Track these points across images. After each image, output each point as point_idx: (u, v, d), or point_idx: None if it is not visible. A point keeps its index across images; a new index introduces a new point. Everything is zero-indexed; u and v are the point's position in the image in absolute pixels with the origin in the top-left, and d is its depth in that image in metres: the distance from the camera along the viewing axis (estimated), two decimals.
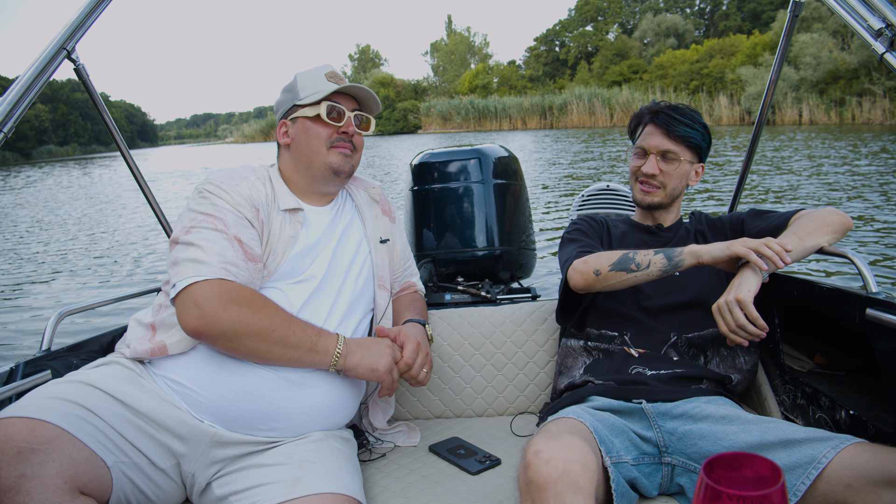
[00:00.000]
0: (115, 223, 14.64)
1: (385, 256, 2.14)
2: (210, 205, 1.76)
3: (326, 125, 1.94)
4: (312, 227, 1.95)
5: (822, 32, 38.28)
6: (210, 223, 1.72)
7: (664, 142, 2.14)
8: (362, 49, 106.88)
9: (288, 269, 1.84)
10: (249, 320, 1.62)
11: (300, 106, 1.96)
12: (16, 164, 67.15)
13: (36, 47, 1.90)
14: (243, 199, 1.80)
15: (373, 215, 2.15)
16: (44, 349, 1.95)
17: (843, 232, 1.95)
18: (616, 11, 78.65)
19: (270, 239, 1.83)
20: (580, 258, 2.00)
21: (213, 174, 1.86)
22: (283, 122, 2.01)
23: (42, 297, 8.15)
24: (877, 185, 12.08)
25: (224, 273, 1.64)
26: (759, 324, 1.70)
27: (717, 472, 0.81)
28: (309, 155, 1.94)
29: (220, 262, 1.66)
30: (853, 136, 24.37)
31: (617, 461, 1.61)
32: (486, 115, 53.86)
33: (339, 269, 1.96)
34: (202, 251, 1.67)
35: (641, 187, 2.21)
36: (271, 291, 1.80)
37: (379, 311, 2.09)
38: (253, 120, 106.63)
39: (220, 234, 1.70)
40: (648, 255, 1.90)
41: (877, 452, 1.44)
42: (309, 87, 1.96)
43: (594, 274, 1.93)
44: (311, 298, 1.85)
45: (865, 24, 1.67)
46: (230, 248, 1.69)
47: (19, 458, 1.31)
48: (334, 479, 1.63)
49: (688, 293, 2.05)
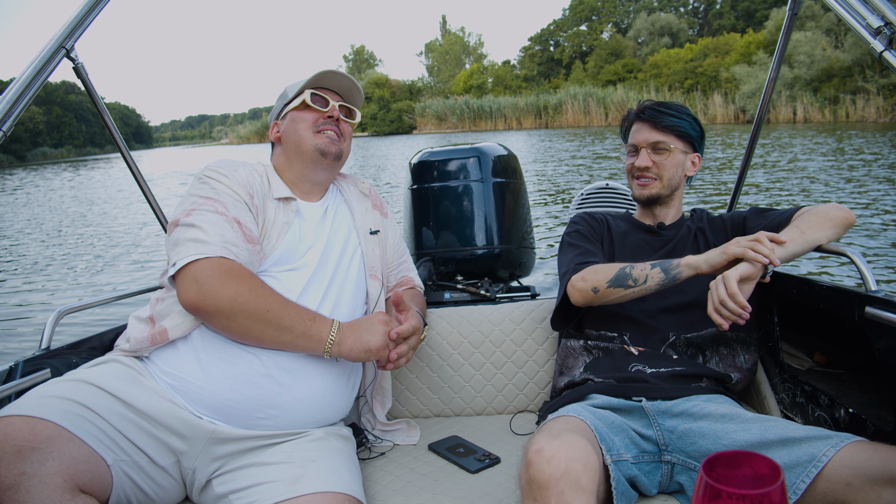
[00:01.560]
0: (114, 222, 14.64)
1: (376, 247, 2.14)
2: (210, 189, 1.81)
3: (312, 110, 2.03)
4: (305, 218, 1.98)
5: (816, 31, 38.41)
6: (210, 206, 1.76)
7: (653, 134, 2.18)
8: (357, 50, 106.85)
9: (282, 256, 1.86)
10: (246, 298, 1.64)
11: (288, 104, 2.07)
12: (10, 166, 66.96)
13: (35, 48, 1.89)
14: (240, 185, 1.85)
15: (362, 208, 2.18)
16: (43, 348, 1.95)
17: (845, 227, 1.95)
18: (610, 11, 78.74)
19: (265, 225, 1.87)
20: (578, 273, 2.02)
21: (212, 163, 1.92)
22: (275, 123, 2.12)
23: (41, 295, 8.15)
24: (876, 183, 12.10)
25: (225, 252, 1.68)
26: (737, 299, 1.72)
27: (717, 471, 0.81)
28: (297, 140, 2.01)
29: (220, 241, 1.69)
30: (851, 133, 24.41)
31: (617, 459, 1.61)
32: (481, 116, 53.89)
33: (331, 259, 1.97)
34: (203, 231, 1.70)
35: (638, 182, 2.23)
36: (266, 278, 1.81)
37: (371, 301, 2.09)
38: (248, 121, 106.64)
39: (220, 216, 1.74)
40: (646, 270, 1.91)
41: (876, 451, 1.44)
42: (296, 87, 2.07)
43: (592, 291, 1.96)
44: (306, 287, 1.86)
45: (864, 23, 1.67)
46: (230, 230, 1.73)
47: (19, 456, 1.31)
48: (335, 477, 1.63)
49: (687, 294, 2.05)
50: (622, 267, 1.95)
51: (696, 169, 2.25)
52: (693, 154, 2.23)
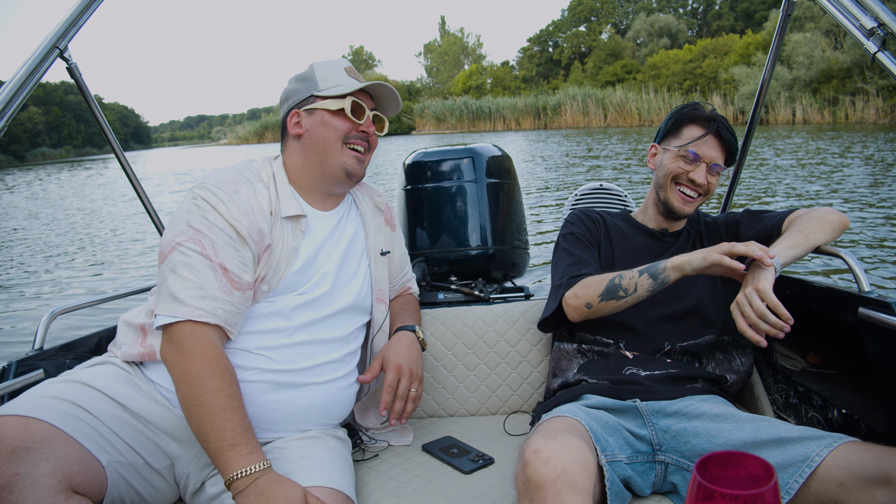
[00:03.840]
0: (108, 222, 14.61)
1: (385, 269, 2.11)
2: (201, 217, 1.67)
3: (347, 120, 1.86)
4: (314, 234, 1.88)
5: (815, 32, 38.46)
6: (196, 245, 1.64)
7: (720, 155, 2.09)
8: (356, 50, 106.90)
9: (289, 284, 1.79)
10: (188, 379, 1.55)
11: (319, 97, 1.87)
12: (9, 166, 66.88)
13: (29, 48, 1.89)
14: (240, 212, 1.70)
15: (375, 225, 2.10)
16: (36, 348, 1.95)
17: (841, 231, 1.95)
18: (609, 12, 78.76)
19: (272, 251, 1.76)
20: (570, 290, 1.99)
21: (211, 176, 1.77)
22: (297, 112, 1.89)
23: (34, 295, 8.13)
24: (868, 185, 12.11)
25: (199, 314, 1.58)
26: (780, 312, 1.62)
27: (710, 471, 0.81)
28: (324, 149, 1.86)
29: (197, 299, 1.59)
30: (849, 134, 24.44)
31: (612, 460, 1.61)
32: (480, 116, 53.84)
33: (339, 280, 1.92)
34: (182, 284, 1.60)
35: (682, 195, 2.11)
36: (266, 303, 1.77)
37: (376, 325, 2.08)
38: (247, 122, 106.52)
39: (204, 261, 1.63)
40: (634, 278, 1.89)
41: (870, 451, 1.45)
42: (329, 79, 1.88)
43: (587, 308, 1.95)
44: (305, 305, 1.82)
45: (858, 24, 1.67)
46: (213, 279, 1.62)
47: (13, 456, 1.31)
48: (324, 473, 1.63)
49: (683, 302, 2.04)
50: (611, 278, 1.93)
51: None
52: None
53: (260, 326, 1.75)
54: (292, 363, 1.76)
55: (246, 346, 1.72)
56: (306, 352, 1.80)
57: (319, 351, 1.83)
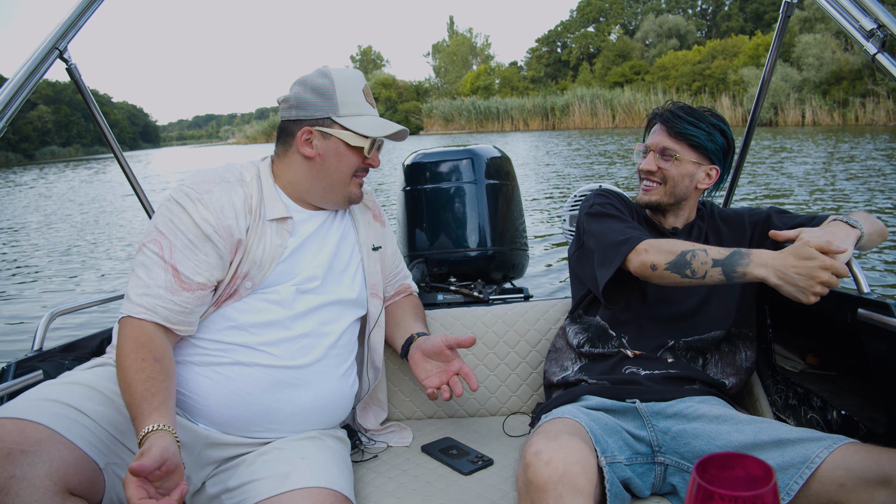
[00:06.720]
0: (107, 223, 14.64)
1: (377, 264, 2.11)
2: (168, 220, 1.71)
3: (360, 155, 1.87)
4: (302, 231, 1.89)
5: (825, 33, 38.29)
6: (157, 246, 1.68)
7: (664, 139, 2.05)
8: (364, 50, 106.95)
9: (279, 275, 1.80)
10: (118, 363, 1.58)
11: (337, 123, 1.84)
12: (18, 164, 67.24)
13: (30, 48, 1.90)
14: (208, 211, 1.71)
15: (365, 221, 2.11)
16: (35, 349, 1.95)
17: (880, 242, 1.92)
18: (618, 12, 78.55)
19: (252, 250, 1.76)
20: (641, 243, 1.85)
21: (189, 177, 1.79)
22: (310, 130, 1.84)
23: (34, 296, 8.15)
24: (867, 188, 12.05)
25: (138, 311, 1.62)
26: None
27: (710, 472, 0.80)
28: (335, 180, 1.88)
29: (141, 296, 1.63)
30: (859, 137, 24.33)
31: (611, 461, 1.61)
32: (488, 117, 53.80)
33: (331, 273, 1.92)
34: (133, 283, 1.66)
35: (642, 185, 2.13)
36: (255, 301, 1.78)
37: (371, 320, 2.08)
38: (255, 121, 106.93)
39: (157, 260, 1.67)
40: (706, 266, 1.73)
41: (869, 452, 1.45)
42: (349, 103, 1.85)
43: (651, 269, 1.80)
44: (300, 294, 1.83)
45: (857, 25, 1.67)
46: (161, 278, 1.65)
47: (9, 459, 1.31)
48: (323, 474, 1.63)
49: (692, 299, 2.03)
50: (683, 252, 1.76)
51: (712, 182, 2.09)
52: (709, 166, 2.07)
53: (258, 318, 1.76)
54: (293, 359, 1.77)
55: (247, 343, 1.73)
56: (306, 346, 1.81)
57: (319, 345, 1.84)
